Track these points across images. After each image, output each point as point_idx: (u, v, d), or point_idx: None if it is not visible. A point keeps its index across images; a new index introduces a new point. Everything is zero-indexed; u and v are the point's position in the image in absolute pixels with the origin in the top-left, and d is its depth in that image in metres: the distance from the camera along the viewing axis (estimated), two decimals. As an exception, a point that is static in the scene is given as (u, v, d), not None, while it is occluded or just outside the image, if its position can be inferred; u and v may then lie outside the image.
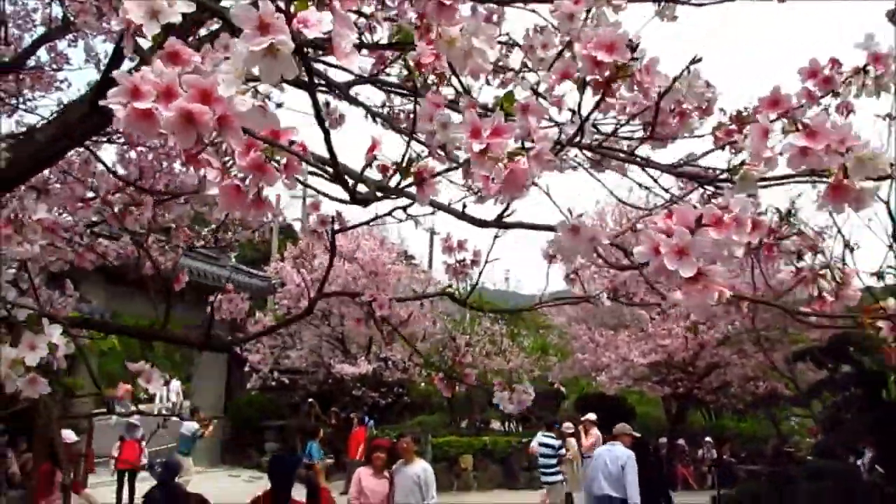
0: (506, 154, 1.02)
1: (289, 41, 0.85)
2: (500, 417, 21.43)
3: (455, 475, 16.49)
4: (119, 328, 3.73)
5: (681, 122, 1.38)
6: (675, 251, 1.02)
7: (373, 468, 7.68)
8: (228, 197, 1.01)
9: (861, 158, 1.14)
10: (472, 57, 1.05)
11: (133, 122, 0.89)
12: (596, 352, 17.20)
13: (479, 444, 16.75)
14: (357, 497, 7.52)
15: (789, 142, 1.19)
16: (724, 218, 1.03)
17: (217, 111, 0.87)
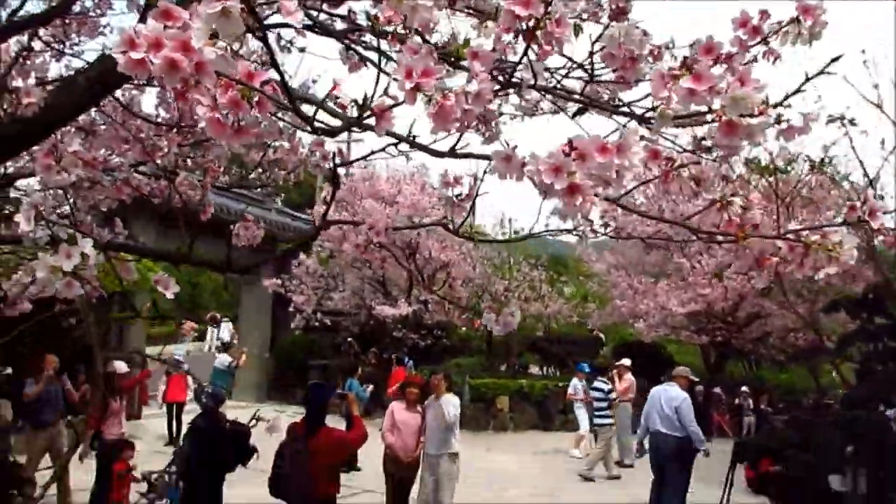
0: (435, 92, 1.18)
1: (237, 4, 1.06)
2: (538, 361, 21.75)
3: (492, 416, 16.91)
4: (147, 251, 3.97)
5: (632, 66, 1.51)
6: (552, 169, 1.22)
7: (406, 402, 8.02)
8: (213, 127, 1.20)
9: (735, 98, 1.30)
10: (419, 12, 1.21)
11: (130, 67, 1.10)
12: (634, 299, 17.25)
13: (515, 386, 17.09)
14: (390, 429, 7.88)
15: (679, 84, 1.34)
16: (608, 146, 1.18)
17: (193, 59, 1.08)
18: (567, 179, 1.20)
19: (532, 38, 1.26)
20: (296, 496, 5.25)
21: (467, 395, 16.90)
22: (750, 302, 15.57)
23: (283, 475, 5.28)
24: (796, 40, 1.57)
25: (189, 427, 7.38)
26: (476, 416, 16.63)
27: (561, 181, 1.21)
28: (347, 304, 18.92)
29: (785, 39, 1.56)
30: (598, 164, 1.19)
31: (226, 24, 1.08)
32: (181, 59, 1.07)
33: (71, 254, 1.56)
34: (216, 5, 1.06)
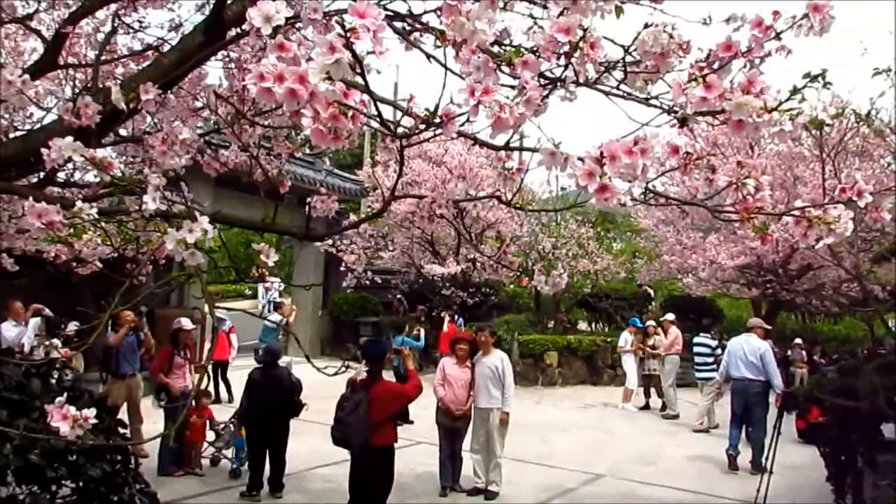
0: (494, 105, 1.41)
1: (346, 56, 1.37)
2: (586, 318, 21.88)
3: (540, 371, 17.19)
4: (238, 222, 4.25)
5: (663, 59, 1.69)
6: (587, 173, 1.49)
7: (456, 358, 8.31)
8: (317, 135, 1.51)
9: (738, 104, 1.54)
10: (476, 33, 1.43)
11: (261, 94, 1.43)
12: (683, 254, 17.14)
13: (563, 342, 17.30)
14: (441, 383, 8.20)
15: (693, 92, 1.56)
16: (633, 148, 1.38)
17: (308, 89, 1.39)
18: (599, 182, 1.46)
19: (569, 58, 1.47)
20: (356, 445, 5.58)
21: (516, 352, 17.20)
22: (802, 254, 15.32)
23: (345, 425, 5.61)
24: (808, 33, 1.74)
25: (247, 381, 7.81)
26: (525, 371, 16.93)
27: (593, 183, 1.47)
28: (397, 262, 19.29)
29: (798, 33, 1.74)
30: (625, 164, 1.41)
31: (337, 69, 1.38)
32: (300, 88, 1.37)
33: (193, 228, 1.82)
34: (331, 56, 1.36)
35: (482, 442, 8.20)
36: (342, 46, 1.33)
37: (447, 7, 1.42)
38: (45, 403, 2.72)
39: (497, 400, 8.12)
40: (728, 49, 1.71)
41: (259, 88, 1.38)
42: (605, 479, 9.12)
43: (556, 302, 19.68)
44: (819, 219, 1.75)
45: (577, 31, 1.44)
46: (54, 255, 8.38)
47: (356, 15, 1.34)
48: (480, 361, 8.24)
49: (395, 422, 5.91)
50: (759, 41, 1.77)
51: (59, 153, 1.87)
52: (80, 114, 2.29)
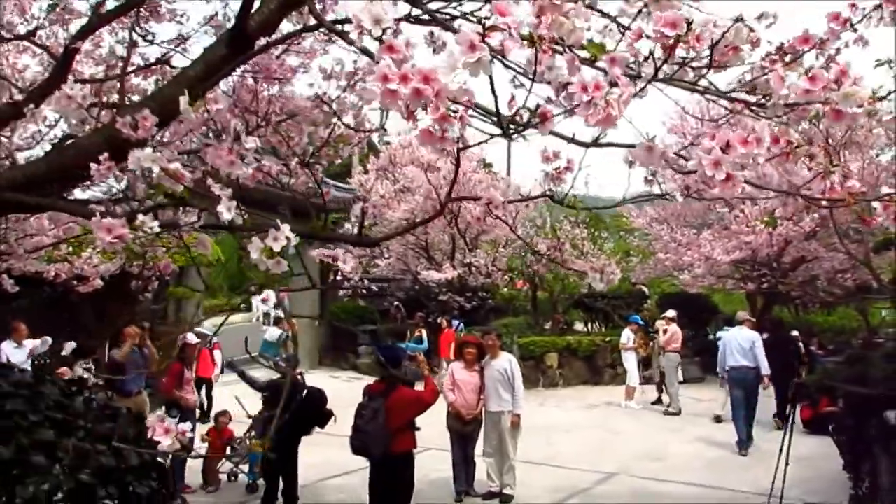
0: (604, 100, 1.41)
1: (487, 55, 1.37)
2: (582, 318, 21.93)
3: (541, 372, 17.19)
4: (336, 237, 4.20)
5: (735, 53, 1.70)
6: (713, 163, 1.51)
7: (464, 362, 8.30)
8: (425, 136, 1.48)
9: (846, 94, 1.57)
10: (574, 31, 1.44)
11: (386, 96, 1.41)
12: (678, 251, 17.23)
13: (563, 343, 17.32)
14: (451, 387, 8.19)
15: (797, 84, 1.59)
16: (749, 138, 1.40)
17: (435, 88, 1.38)
18: (724, 171, 1.47)
19: (672, 51, 1.49)
20: (376, 453, 5.56)
21: (517, 354, 17.19)
22: (796, 246, 15.46)
23: (364, 433, 5.59)
24: (879, 23, 1.78)
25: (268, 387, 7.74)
26: (526, 373, 16.78)
27: (720, 173, 1.50)
28: (393, 269, 19.27)
29: (868, 24, 1.78)
30: (741, 153, 1.42)
31: (477, 67, 1.38)
32: (425, 88, 1.37)
33: (277, 237, 1.82)
34: (473, 55, 1.36)
35: (495, 445, 8.20)
36: (481, 43, 1.33)
37: (551, 6, 1.42)
38: (88, 422, 2.71)
39: (507, 402, 8.12)
40: (805, 41, 1.74)
41: (384, 90, 1.37)
42: (618, 477, 9.14)
43: (553, 303, 19.73)
44: None
45: (683, 25, 1.46)
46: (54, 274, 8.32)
47: (498, 12, 1.33)
48: (489, 365, 8.24)
49: (413, 427, 5.89)
50: (836, 33, 1.80)
51: (138, 163, 1.85)
52: (139, 126, 2.27)
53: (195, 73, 3.11)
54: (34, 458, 2.20)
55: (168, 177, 1.90)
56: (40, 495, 2.11)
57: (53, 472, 2.24)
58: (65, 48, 4.22)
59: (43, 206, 3.01)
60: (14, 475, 2.13)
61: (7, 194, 2.57)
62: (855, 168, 13.06)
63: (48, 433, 2.38)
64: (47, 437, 2.35)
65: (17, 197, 2.55)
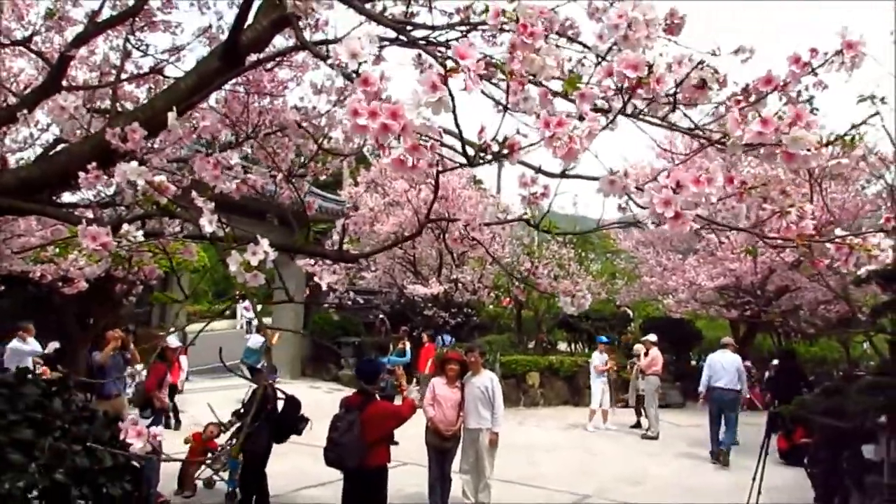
0: (567, 135, 1.49)
1: (447, 95, 1.46)
2: (566, 338, 21.99)
3: (523, 391, 17.22)
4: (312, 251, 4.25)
5: (701, 92, 1.78)
6: (662, 202, 1.56)
7: (446, 378, 8.30)
8: (396, 165, 1.56)
9: (795, 138, 1.63)
10: (545, 69, 1.52)
11: (355, 129, 1.50)
12: (663, 275, 17.37)
13: (545, 362, 17.37)
14: (430, 403, 8.19)
15: (750, 127, 1.63)
16: (700, 178, 1.47)
17: (401, 124, 1.46)
18: (674, 209, 1.53)
19: (633, 92, 1.56)
20: (351, 466, 5.57)
21: (499, 372, 17.21)
22: (780, 275, 15.62)
23: (338, 446, 5.60)
24: (840, 69, 1.86)
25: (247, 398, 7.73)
26: (507, 392, 16.86)
27: (670, 211, 1.55)
28: (379, 282, 19.28)
29: (830, 68, 1.86)
30: (693, 193, 1.49)
31: (438, 106, 1.47)
32: (392, 124, 1.45)
33: (256, 251, 1.87)
34: (434, 95, 1.45)
35: (471, 462, 8.20)
36: (442, 84, 1.40)
37: (521, 44, 1.49)
38: (66, 423, 2.74)
39: (487, 420, 8.13)
40: (768, 83, 1.81)
41: (353, 124, 1.44)
42: (592, 499, 9.17)
43: (538, 322, 19.79)
44: (860, 246, 1.84)
45: (644, 67, 1.53)
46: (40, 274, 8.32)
47: (458, 55, 1.41)
48: (470, 382, 8.26)
49: (388, 441, 5.90)
50: (797, 76, 1.87)
51: (124, 177, 1.91)
52: (128, 138, 2.33)
53: (187, 85, 3.18)
54: (11, 455, 2.23)
55: (154, 189, 1.95)
56: (15, 492, 2.14)
57: (29, 471, 2.27)
58: (60, 55, 4.27)
59: (34, 211, 3.05)
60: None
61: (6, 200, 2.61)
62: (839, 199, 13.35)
63: (26, 432, 2.41)
64: (25, 436, 2.38)
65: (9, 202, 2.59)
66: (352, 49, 1.44)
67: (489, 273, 19.03)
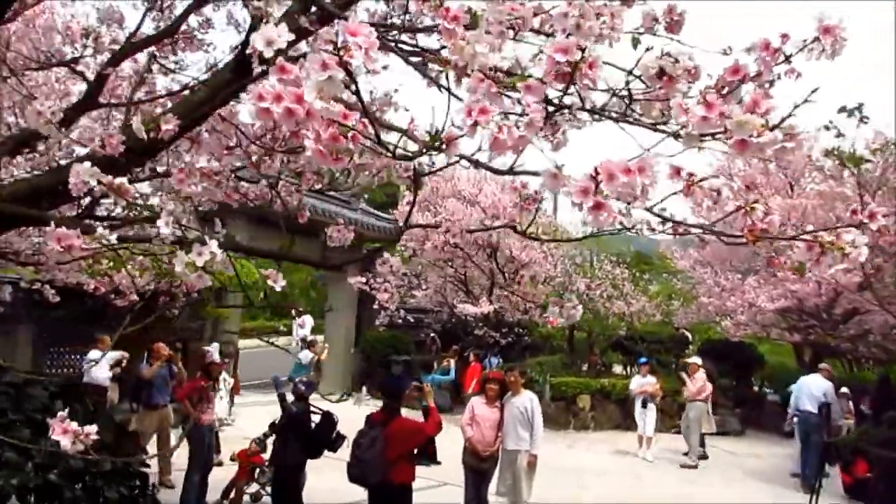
0: (492, 124, 1.44)
1: (338, 74, 1.41)
2: (621, 361, 21.49)
3: (573, 414, 16.85)
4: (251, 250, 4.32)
5: (671, 85, 1.69)
6: (580, 191, 1.47)
7: (486, 398, 8.20)
8: (318, 156, 1.53)
9: (739, 122, 1.50)
10: (476, 57, 1.47)
11: (260, 114, 1.46)
12: (721, 296, 16.81)
13: (596, 384, 16.95)
14: (469, 422, 8.10)
15: (693, 111, 1.53)
16: (631, 167, 1.41)
17: (305, 108, 1.42)
18: (594, 198, 1.45)
19: (570, 78, 1.50)
20: (372, 482, 5.53)
21: (548, 394, 16.93)
22: (847, 298, 14.87)
23: (361, 462, 5.57)
24: (820, 56, 1.74)
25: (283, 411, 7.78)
26: (557, 414, 16.64)
27: (588, 200, 1.46)
28: (430, 301, 19.30)
29: (810, 56, 1.74)
30: (622, 182, 1.41)
31: (329, 86, 1.42)
32: (297, 108, 1.42)
33: (202, 252, 1.86)
34: (324, 73, 1.39)
35: (508, 485, 8.05)
36: (336, 64, 1.37)
37: (445, 30, 1.45)
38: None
39: (525, 442, 7.98)
40: (735, 73, 1.69)
41: (257, 108, 1.41)
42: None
43: (590, 344, 19.43)
44: (832, 244, 1.71)
45: (575, 51, 1.46)
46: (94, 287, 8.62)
47: (348, 33, 1.37)
48: (510, 402, 8.13)
49: (413, 459, 5.82)
50: (768, 64, 1.77)
51: (79, 177, 1.94)
52: (105, 144, 2.38)
53: (199, 98, 3.23)
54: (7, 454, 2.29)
55: (112, 192, 1.97)
56: (9, 489, 2.18)
57: (25, 470, 2.31)
58: (97, 73, 4.44)
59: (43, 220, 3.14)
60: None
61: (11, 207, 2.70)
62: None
63: (25, 432, 2.46)
64: (24, 435, 2.44)
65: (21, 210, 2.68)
66: (267, 37, 1.42)
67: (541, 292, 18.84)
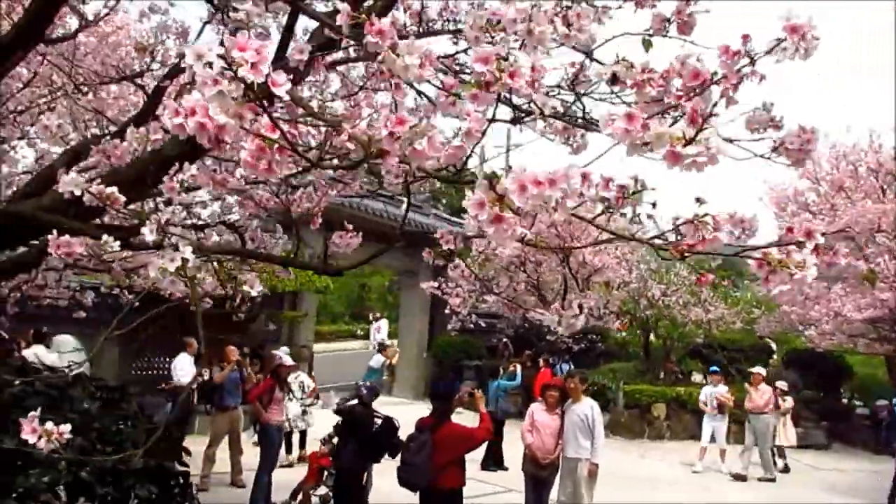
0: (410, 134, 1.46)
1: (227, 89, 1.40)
2: (700, 369, 20.83)
3: (647, 423, 16.50)
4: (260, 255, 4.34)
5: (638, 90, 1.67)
6: (478, 204, 1.47)
7: (546, 405, 8.15)
8: (247, 165, 1.58)
9: (658, 134, 1.47)
10: (409, 69, 1.49)
11: (174, 128, 1.48)
12: (805, 305, 16.05)
13: (672, 393, 16.53)
14: (529, 429, 8.06)
15: (616, 124, 1.50)
16: (542, 179, 1.40)
17: (215, 123, 1.44)
18: (491, 212, 1.44)
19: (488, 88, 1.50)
20: (420, 486, 5.58)
21: (621, 401, 16.62)
22: (942, 306, 13.99)
23: (409, 466, 5.64)
24: (794, 56, 1.67)
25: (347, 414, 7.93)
26: (630, 423, 16.35)
27: (484, 213, 1.46)
28: (502, 306, 19.26)
29: (783, 56, 1.67)
30: (533, 195, 1.40)
31: (222, 101, 1.42)
32: (206, 122, 1.42)
33: (174, 258, 1.95)
34: (214, 88, 1.40)
35: (569, 493, 7.96)
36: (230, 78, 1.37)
37: (371, 44, 1.48)
38: (102, 425, 2.98)
39: (586, 450, 7.88)
40: (696, 77, 1.66)
41: (172, 124, 1.44)
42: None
43: (667, 351, 18.96)
44: (781, 262, 1.63)
45: (494, 60, 1.46)
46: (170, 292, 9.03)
47: (237, 48, 1.38)
48: (570, 409, 8.05)
49: (463, 464, 5.85)
50: (729, 67, 1.71)
51: (66, 187, 2.08)
52: (110, 154, 2.54)
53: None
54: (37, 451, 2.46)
55: (100, 200, 2.09)
56: (41, 486, 2.35)
57: (57, 468, 2.49)
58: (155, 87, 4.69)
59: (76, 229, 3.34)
60: (17, 465, 2.40)
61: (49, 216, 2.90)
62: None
63: (60, 431, 2.64)
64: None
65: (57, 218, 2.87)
66: (198, 51, 1.42)
67: (616, 298, 18.48)
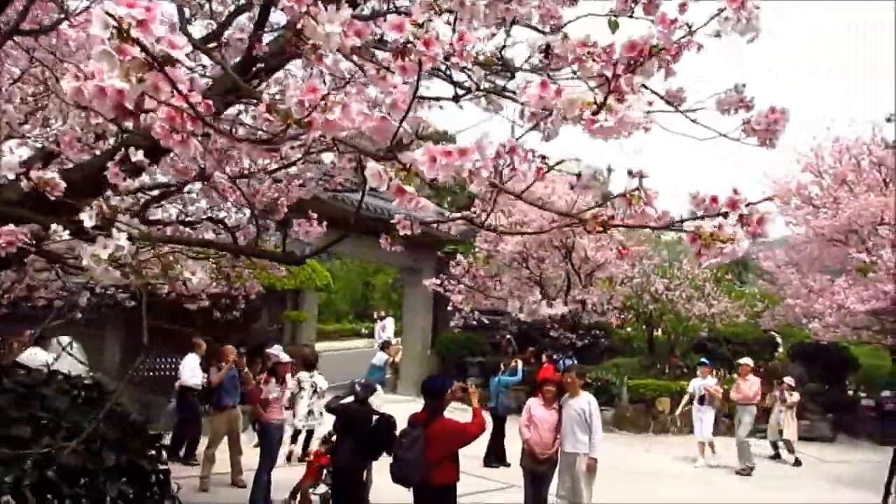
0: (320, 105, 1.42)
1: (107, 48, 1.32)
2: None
3: (652, 417, 16.46)
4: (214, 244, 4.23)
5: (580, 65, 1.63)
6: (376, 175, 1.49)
7: (543, 400, 8.11)
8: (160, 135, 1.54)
9: (570, 101, 1.47)
10: (331, 38, 1.45)
11: (72, 94, 1.41)
12: (809, 298, 15.97)
13: (676, 387, 16.45)
14: (526, 425, 8.02)
15: (529, 91, 1.44)
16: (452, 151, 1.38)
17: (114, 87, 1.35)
18: (394, 183, 1.42)
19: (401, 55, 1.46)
20: (413, 482, 5.55)
21: (625, 396, 16.58)
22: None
23: (402, 461, 5.60)
24: (736, 28, 1.63)
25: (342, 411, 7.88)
26: (635, 417, 16.31)
27: (383, 184, 1.45)
28: (504, 303, 19.22)
29: (725, 27, 1.63)
30: (444, 164, 1.36)
31: (110, 62, 1.33)
32: (108, 86, 1.33)
33: (107, 245, 1.89)
34: (100, 48, 1.31)
35: (568, 487, 7.93)
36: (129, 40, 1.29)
37: (287, 9, 1.44)
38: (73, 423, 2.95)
39: (584, 445, 7.84)
40: (632, 49, 1.61)
41: (71, 88, 1.37)
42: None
43: (671, 346, 18.89)
44: (712, 236, 1.57)
45: (409, 28, 1.43)
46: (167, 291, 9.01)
47: (126, 5, 1.28)
48: (567, 404, 8.01)
49: (456, 460, 5.79)
50: (667, 37, 1.67)
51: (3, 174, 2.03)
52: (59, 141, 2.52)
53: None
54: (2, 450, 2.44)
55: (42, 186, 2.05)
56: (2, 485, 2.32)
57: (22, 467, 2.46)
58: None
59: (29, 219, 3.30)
60: (-19, 464, 2.38)
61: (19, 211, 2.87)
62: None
63: (25, 430, 2.61)
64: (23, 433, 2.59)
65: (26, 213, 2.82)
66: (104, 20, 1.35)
67: (619, 294, 18.41)
